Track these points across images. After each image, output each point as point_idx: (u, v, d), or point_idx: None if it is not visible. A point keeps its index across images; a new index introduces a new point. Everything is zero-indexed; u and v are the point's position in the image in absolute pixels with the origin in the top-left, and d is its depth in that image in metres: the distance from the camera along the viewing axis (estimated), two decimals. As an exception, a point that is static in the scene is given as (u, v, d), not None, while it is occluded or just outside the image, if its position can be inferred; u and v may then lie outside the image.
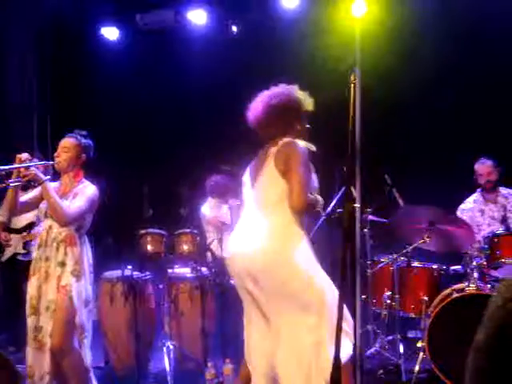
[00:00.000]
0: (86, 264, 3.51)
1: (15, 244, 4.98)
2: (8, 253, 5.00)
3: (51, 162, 3.57)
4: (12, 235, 4.98)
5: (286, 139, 2.90)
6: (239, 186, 5.58)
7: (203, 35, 6.40)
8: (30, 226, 5.01)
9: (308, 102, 3.02)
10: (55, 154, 3.56)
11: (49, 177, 3.45)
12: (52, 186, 3.46)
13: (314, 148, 2.92)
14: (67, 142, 3.55)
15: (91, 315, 3.56)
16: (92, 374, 3.56)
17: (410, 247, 4.32)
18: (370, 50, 5.37)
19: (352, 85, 1.87)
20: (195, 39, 6.37)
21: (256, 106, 3.02)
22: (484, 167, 4.93)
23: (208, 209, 5.68)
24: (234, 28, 6.38)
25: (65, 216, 3.35)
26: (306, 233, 2.87)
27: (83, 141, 3.58)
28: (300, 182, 2.75)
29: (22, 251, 4.98)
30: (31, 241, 4.95)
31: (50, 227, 3.48)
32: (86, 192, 3.50)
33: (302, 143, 2.88)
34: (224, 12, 6.42)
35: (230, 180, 5.64)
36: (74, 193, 3.50)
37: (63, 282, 3.38)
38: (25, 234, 4.99)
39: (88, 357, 3.51)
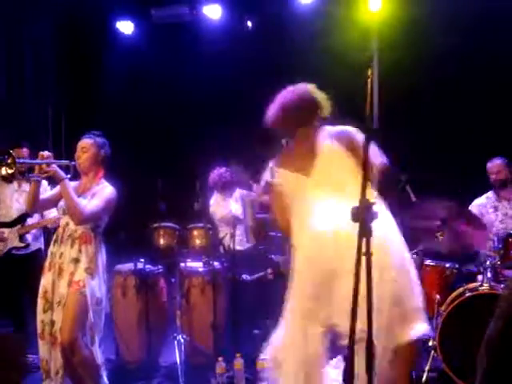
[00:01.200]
0: (100, 263, 3.54)
1: (11, 238, 4.86)
2: (3, 248, 4.85)
3: (73, 163, 3.62)
4: (4, 229, 4.85)
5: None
6: (245, 178, 5.59)
7: (218, 30, 6.40)
8: (22, 217, 4.86)
9: (326, 105, 2.95)
10: (76, 157, 3.62)
11: (69, 176, 3.51)
12: (72, 184, 3.51)
13: None
14: (84, 143, 3.62)
15: (103, 314, 3.59)
16: (103, 372, 3.59)
17: (423, 245, 4.30)
18: (386, 45, 5.41)
19: (369, 79, 1.86)
20: (210, 34, 6.37)
21: (273, 107, 2.98)
22: (493, 166, 4.98)
23: (215, 204, 5.67)
24: (249, 23, 6.37)
25: (81, 215, 3.40)
26: None
27: (98, 139, 3.65)
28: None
29: (20, 244, 4.86)
30: (27, 233, 4.86)
31: (67, 224, 3.53)
32: (104, 193, 3.55)
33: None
34: (239, 7, 6.42)
35: (233, 173, 5.64)
36: (92, 193, 3.56)
37: (76, 277, 3.42)
38: (19, 226, 4.88)
39: (99, 354, 3.53)
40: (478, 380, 2.12)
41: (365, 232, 1.61)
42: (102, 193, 3.55)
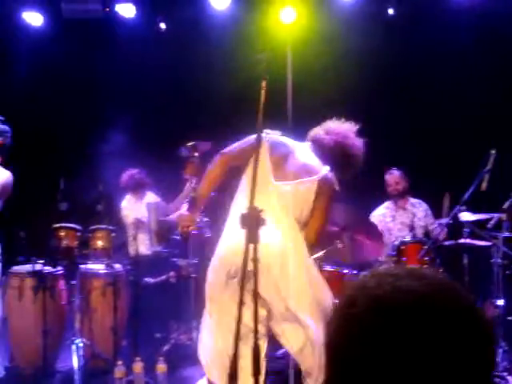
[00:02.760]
0: None
1: None
2: None
3: None
4: None
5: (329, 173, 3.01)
6: (154, 180, 5.53)
7: (131, 29, 6.30)
8: None
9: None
10: None
11: None
12: None
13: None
14: None
15: None
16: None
17: (322, 252, 4.44)
18: (299, 55, 5.56)
19: (262, 91, 1.91)
20: (122, 33, 6.26)
21: (336, 143, 3.15)
22: (392, 177, 5.29)
23: (128, 206, 5.59)
24: (163, 25, 6.33)
25: None
26: None
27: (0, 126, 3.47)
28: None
29: None
30: None
31: None
32: None
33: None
34: (153, 7, 6.36)
35: (146, 174, 5.59)
36: None
37: None
38: None
39: None
40: None
41: (252, 238, 1.66)
42: None
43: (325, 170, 3.01)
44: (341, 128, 3.19)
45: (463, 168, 4.59)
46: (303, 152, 3.08)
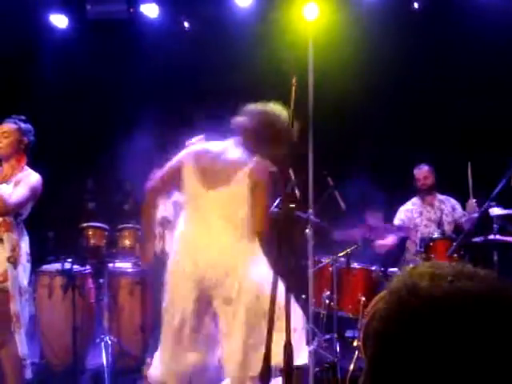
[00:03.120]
0: (24, 252, 3.44)
1: None
2: None
3: None
4: None
5: (259, 160, 2.98)
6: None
7: (155, 29, 6.34)
8: None
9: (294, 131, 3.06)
10: None
11: None
12: None
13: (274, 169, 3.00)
14: (6, 127, 3.46)
15: (27, 305, 3.51)
16: (28, 363, 3.51)
17: (351, 248, 4.43)
18: (322, 52, 5.52)
19: (293, 87, 1.90)
20: (147, 33, 6.30)
21: (257, 120, 3.04)
22: (421, 172, 5.19)
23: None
24: (186, 24, 6.35)
25: (5, 205, 3.26)
26: None
27: (23, 125, 3.51)
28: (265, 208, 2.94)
29: None
30: None
31: None
32: (29, 180, 3.42)
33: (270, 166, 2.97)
34: (177, 7, 6.38)
35: None
36: (16, 180, 3.41)
37: None
38: None
39: (23, 346, 3.45)
40: None
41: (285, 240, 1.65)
42: (27, 180, 3.41)
43: (252, 161, 2.99)
44: (257, 107, 3.10)
45: (492, 164, 4.52)
46: (229, 150, 3.08)
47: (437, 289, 0.80)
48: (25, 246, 3.47)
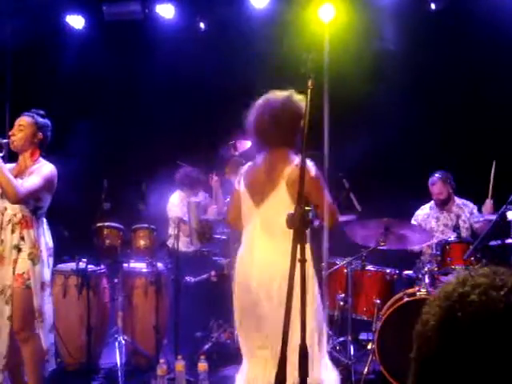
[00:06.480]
0: (44, 247, 3.46)
1: None
2: None
3: (5, 140, 3.45)
4: None
5: (297, 161, 2.82)
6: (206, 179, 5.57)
7: (170, 30, 6.35)
8: None
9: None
10: (10, 133, 3.48)
11: (1, 154, 3.37)
12: (8, 166, 3.39)
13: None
14: (23, 120, 3.47)
15: (49, 299, 3.54)
16: (51, 356, 3.57)
17: (366, 251, 4.40)
18: (337, 54, 5.50)
19: (309, 90, 1.88)
20: (162, 33, 6.32)
21: (263, 113, 2.94)
22: (434, 187, 5.14)
23: (176, 201, 5.59)
24: (202, 24, 6.36)
25: (16, 193, 3.26)
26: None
27: (40, 119, 3.52)
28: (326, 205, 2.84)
29: None
30: None
31: (6, 209, 3.41)
32: (41, 170, 3.43)
33: (310, 164, 2.81)
34: (192, 8, 6.40)
35: (200, 173, 5.61)
36: (29, 172, 3.43)
37: (20, 269, 3.35)
38: None
39: (47, 339, 3.50)
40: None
41: (300, 239, 1.64)
42: (39, 171, 3.42)
43: (291, 166, 2.87)
44: (256, 104, 3.03)
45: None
46: (268, 159, 2.97)
47: (487, 304, 0.77)
48: (45, 241, 3.49)
